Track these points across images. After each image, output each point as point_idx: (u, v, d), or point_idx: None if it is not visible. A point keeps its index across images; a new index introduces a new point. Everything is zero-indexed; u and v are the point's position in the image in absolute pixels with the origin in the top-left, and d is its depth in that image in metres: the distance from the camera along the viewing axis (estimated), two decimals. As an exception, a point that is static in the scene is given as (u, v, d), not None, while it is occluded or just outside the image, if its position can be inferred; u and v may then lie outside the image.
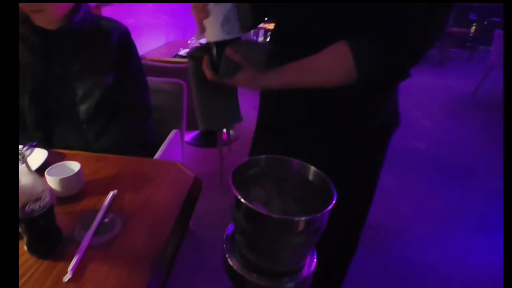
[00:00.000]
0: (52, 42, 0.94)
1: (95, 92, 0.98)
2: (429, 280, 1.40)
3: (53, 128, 1.02)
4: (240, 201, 0.49)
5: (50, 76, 0.97)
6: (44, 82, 0.96)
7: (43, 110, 0.99)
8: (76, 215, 0.65)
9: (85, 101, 0.98)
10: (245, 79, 0.65)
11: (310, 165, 0.53)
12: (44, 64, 0.95)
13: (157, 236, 0.58)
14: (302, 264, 0.54)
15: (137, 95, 1.09)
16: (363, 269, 1.41)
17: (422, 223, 1.75)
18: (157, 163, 0.83)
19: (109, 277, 0.50)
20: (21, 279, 0.51)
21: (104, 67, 0.99)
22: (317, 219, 0.45)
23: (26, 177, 0.51)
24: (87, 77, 0.97)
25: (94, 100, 0.98)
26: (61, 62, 0.96)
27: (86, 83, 0.97)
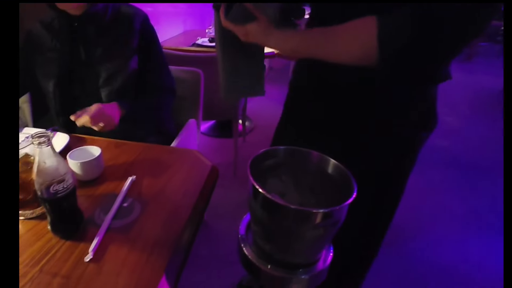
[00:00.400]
0: (76, 27, 0.96)
1: (117, 76, 0.99)
2: (447, 282, 1.38)
3: None
4: (258, 190, 0.49)
5: (75, 61, 0.99)
6: (69, 67, 0.99)
7: (67, 95, 1.02)
8: (96, 198, 0.67)
9: (107, 85, 1.00)
10: (258, 30, 0.61)
11: (330, 158, 0.53)
12: (68, 49, 0.98)
13: (174, 222, 0.60)
14: (318, 257, 0.54)
15: (163, 78, 1.11)
16: (378, 268, 1.39)
17: (442, 223, 1.71)
18: (174, 151, 0.85)
19: (127, 259, 0.52)
20: (45, 257, 0.53)
21: (127, 51, 1.00)
22: (336, 212, 0.45)
23: (51, 159, 0.53)
24: (110, 61, 0.99)
25: (116, 83, 1.00)
26: (85, 46, 0.98)
27: (109, 67, 0.99)
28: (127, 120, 0.99)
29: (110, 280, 0.48)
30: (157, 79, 1.09)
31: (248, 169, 0.52)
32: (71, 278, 0.49)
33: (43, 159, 0.53)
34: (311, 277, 0.54)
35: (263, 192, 0.48)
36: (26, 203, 0.62)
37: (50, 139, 0.53)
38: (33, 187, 0.61)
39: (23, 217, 0.63)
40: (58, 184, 0.54)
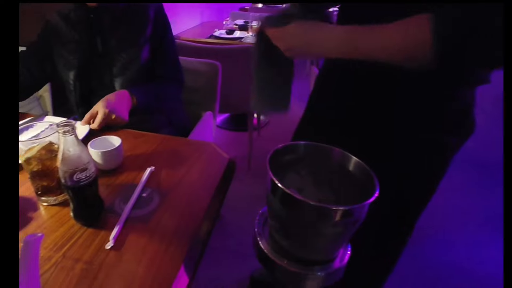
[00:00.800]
0: (92, 18, 0.98)
1: (131, 66, 1.01)
2: (461, 284, 1.35)
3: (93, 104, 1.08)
4: (276, 185, 0.49)
5: (92, 52, 1.01)
6: (88, 58, 1.01)
7: (86, 86, 1.04)
8: (115, 188, 0.69)
9: (121, 75, 1.02)
10: (297, 30, 0.58)
11: (352, 155, 0.52)
12: (87, 40, 1.00)
13: (192, 213, 0.61)
14: (335, 255, 0.54)
15: (171, 67, 1.11)
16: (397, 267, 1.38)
17: (458, 223, 1.67)
18: (192, 143, 0.86)
19: (147, 249, 0.53)
20: (67, 243, 0.55)
21: (140, 40, 1.01)
22: (356, 210, 0.45)
23: (75, 148, 0.55)
24: (124, 51, 1.00)
25: (130, 73, 1.01)
26: (101, 37, 1.00)
27: (123, 57, 1.00)
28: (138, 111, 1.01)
29: (130, 268, 0.50)
30: (166, 70, 1.10)
31: (267, 163, 0.52)
32: (93, 264, 0.51)
33: (67, 148, 0.54)
34: (327, 274, 0.54)
35: (282, 187, 0.48)
36: (49, 190, 0.65)
37: (75, 128, 0.54)
38: (56, 175, 0.63)
39: (46, 203, 0.65)
40: (81, 172, 0.55)
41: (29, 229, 0.58)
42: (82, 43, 1.00)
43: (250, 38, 2.26)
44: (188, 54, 1.42)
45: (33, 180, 0.64)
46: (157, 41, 1.05)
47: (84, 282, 0.47)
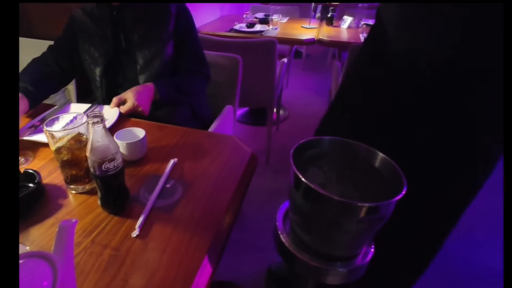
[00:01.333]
0: (115, 15, 1.00)
1: (154, 63, 1.03)
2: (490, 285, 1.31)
3: None
4: (300, 179, 0.49)
5: (116, 49, 1.03)
6: (113, 54, 1.04)
7: (112, 82, 1.07)
8: (140, 178, 0.71)
9: (145, 72, 1.03)
10: None
11: (378, 152, 0.51)
12: (111, 37, 1.02)
13: (215, 205, 0.62)
14: (358, 252, 0.54)
15: (197, 62, 1.13)
16: None
17: (487, 224, 1.61)
18: (214, 136, 0.87)
19: (172, 238, 0.55)
20: (96, 229, 0.58)
21: (163, 37, 1.02)
22: (383, 207, 0.44)
23: (103, 138, 0.57)
24: (147, 47, 1.02)
25: (153, 70, 1.03)
26: (124, 33, 1.02)
27: (146, 54, 1.02)
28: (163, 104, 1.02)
29: (155, 256, 0.51)
30: (191, 64, 1.11)
31: (290, 157, 0.53)
32: (120, 250, 0.53)
33: (96, 138, 0.56)
34: (349, 271, 0.54)
35: (305, 181, 0.48)
36: (78, 179, 0.67)
37: (104, 119, 0.56)
38: (84, 164, 0.66)
39: (74, 191, 0.68)
40: (109, 162, 0.57)
41: (59, 215, 0.61)
42: (107, 39, 1.03)
43: (271, 31, 2.25)
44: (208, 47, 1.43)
45: (63, 169, 0.67)
46: (181, 36, 1.06)
47: (112, 268, 0.50)
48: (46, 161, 0.77)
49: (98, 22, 1.03)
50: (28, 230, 0.57)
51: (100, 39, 1.03)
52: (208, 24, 2.58)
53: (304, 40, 2.12)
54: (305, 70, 3.64)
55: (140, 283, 0.47)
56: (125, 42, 1.03)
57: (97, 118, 0.55)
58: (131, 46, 1.03)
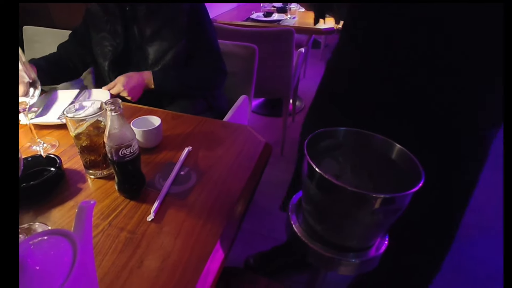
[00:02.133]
0: (127, 10, 1.02)
1: (166, 56, 1.04)
2: None
3: None
4: (314, 169, 0.49)
5: (128, 42, 1.05)
6: (122, 47, 1.06)
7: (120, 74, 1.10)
8: (155, 165, 0.73)
9: (156, 65, 1.05)
10: None
11: (396, 143, 0.50)
12: (122, 32, 1.04)
13: (228, 193, 0.63)
14: (371, 243, 0.54)
15: (210, 57, 1.13)
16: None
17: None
18: (228, 125, 0.88)
19: (185, 223, 0.56)
20: (113, 213, 0.60)
21: (175, 32, 1.03)
22: (398, 199, 0.44)
23: (120, 125, 0.58)
24: (158, 42, 1.03)
25: (164, 63, 1.04)
26: (137, 27, 1.03)
27: (157, 49, 1.04)
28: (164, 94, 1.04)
29: (169, 240, 0.53)
30: (206, 60, 1.11)
31: (304, 147, 0.52)
32: (136, 233, 0.55)
33: (113, 125, 0.58)
34: (361, 262, 0.54)
35: (319, 171, 0.48)
36: (96, 164, 0.70)
37: (121, 107, 0.58)
38: (102, 150, 0.68)
39: (93, 176, 0.71)
40: (126, 148, 0.59)
41: (79, 198, 0.64)
42: (118, 35, 1.05)
43: (288, 20, 2.22)
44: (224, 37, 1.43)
45: (82, 154, 0.69)
46: (195, 32, 1.06)
47: (128, 249, 0.52)
48: (67, 147, 0.80)
49: (111, 16, 1.05)
50: (50, 211, 0.61)
51: (111, 34, 1.06)
52: (225, 13, 2.57)
53: (322, 29, 2.08)
54: (323, 61, 3.58)
55: (154, 264, 0.49)
56: (138, 37, 1.04)
57: (114, 106, 0.57)
58: (142, 41, 1.04)
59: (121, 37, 1.05)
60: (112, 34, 1.06)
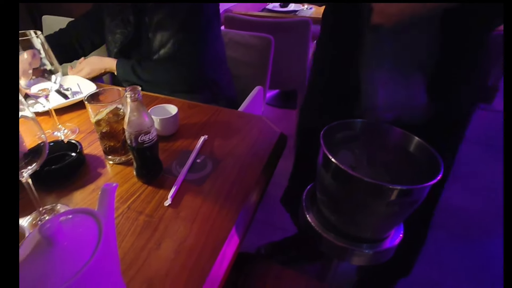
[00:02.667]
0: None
1: (166, 45, 1.05)
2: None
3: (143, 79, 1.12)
4: (330, 160, 0.50)
5: (138, 31, 1.07)
6: (132, 35, 1.07)
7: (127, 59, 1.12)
8: (172, 152, 0.75)
9: (157, 53, 1.07)
10: None
11: (414, 136, 0.50)
12: (132, 19, 1.05)
13: (243, 182, 0.64)
14: (386, 235, 0.54)
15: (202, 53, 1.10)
16: (449, 264, 1.33)
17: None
18: (243, 115, 0.88)
19: (201, 209, 0.58)
20: (131, 197, 0.62)
21: (179, 21, 1.03)
22: (416, 191, 0.44)
23: (140, 112, 0.60)
24: (161, 32, 1.04)
25: (164, 52, 1.05)
26: (147, 16, 1.04)
27: (160, 38, 1.05)
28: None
29: (186, 225, 0.55)
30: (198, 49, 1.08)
31: (321, 138, 0.53)
32: (153, 217, 0.57)
33: (133, 112, 0.60)
34: (375, 253, 0.55)
35: (336, 162, 0.49)
36: (115, 150, 0.72)
37: (140, 95, 0.59)
38: (121, 136, 0.70)
39: (112, 162, 0.73)
40: (145, 135, 0.61)
41: (99, 182, 0.67)
42: (130, 22, 1.06)
43: (305, 10, 2.19)
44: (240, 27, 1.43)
45: (102, 140, 0.72)
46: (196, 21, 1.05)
47: (147, 232, 0.54)
48: (86, 133, 0.83)
49: (124, 6, 1.06)
50: (71, 194, 0.63)
51: (123, 23, 1.07)
52: (241, 4, 2.55)
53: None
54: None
55: (172, 247, 0.50)
56: (144, 24, 1.06)
57: (134, 93, 0.58)
58: (150, 30, 1.05)
59: (132, 26, 1.07)
60: (125, 22, 1.08)
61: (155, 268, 0.48)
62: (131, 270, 0.47)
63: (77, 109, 0.93)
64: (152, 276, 0.46)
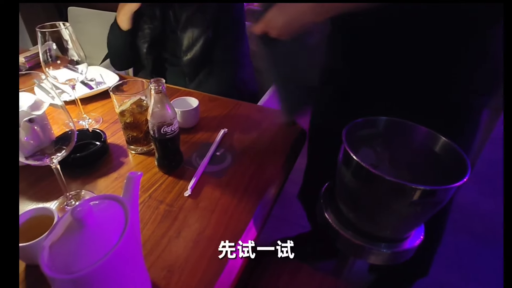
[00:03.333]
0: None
1: (197, 43, 1.06)
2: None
3: (165, 76, 1.17)
4: (351, 157, 0.49)
5: (164, 25, 1.08)
6: (159, 30, 1.09)
7: (158, 57, 1.13)
8: (192, 144, 0.76)
9: (187, 53, 1.08)
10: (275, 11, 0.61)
11: (441, 135, 0.49)
12: (161, 15, 1.07)
13: (262, 176, 0.65)
14: (406, 235, 0.53)
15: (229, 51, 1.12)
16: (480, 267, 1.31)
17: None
18: (263, 110, 0.89)
19: (220, 200, 0.59)
20: (152, 186, 0.64)
21: (207, 19, 1.03)
22: (440, 192, 0.43)
23: (163, 104, 0.62)
24: (190, 29, 1.05)
25: (196, 50, 1.06)
26: (172, 12, 1.05)
27: (189, 36, 1.05)
28: None
29: (205, 215, 0.56)
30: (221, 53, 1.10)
31: (343, 135, 0.53)
32: (173, 206, 0.58)
33: (157, 104, 0.62)
34: (393, 253, 0.54)
35: (357, 160, 0.48)
36: (137, 140, 0.74)
37: (164, 87, 0.61)
38: (144, 127, 0.73)
39: (134, 152, 0.75)
40: (167, 126, 0.63)
41: (122, 171, 0.69)
42: (156, 17, 1.08)
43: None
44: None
45: (125, 131, 0.74)
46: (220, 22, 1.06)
47: (167, 221, 0.55)
48: (109, 123, 0.86)
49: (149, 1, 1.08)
50: (95, 181, 0.66)
51: (149, 17, 1.09)
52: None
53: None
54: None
55: (191, 236, 0.52)
56: (174, 22, 1.07)
57: (158, 85, 0.60)
58: (177, 27, 1.06)
59: (158, 20, 1.08)
60: (151, 17, 1.09)
61: (175, 255, 0.49)
62: (151, 256, 0.49)
63: (100, 99, 0.96)
64: (171, 263, 0.48)
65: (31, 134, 0.52)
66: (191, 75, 1.11)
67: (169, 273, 0.47)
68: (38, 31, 0.71)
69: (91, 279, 0.31)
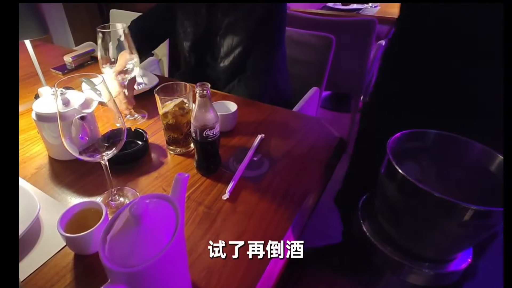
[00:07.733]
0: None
1: (235, 49, 1.08)
2: None
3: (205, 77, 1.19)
4: (396, 170, 0.49)
5: (209, 24, 1.11)
6: (204, 29, 1.12)
7: (200, 58, 1.17)
8: (229, 148, 0.79)
9: (226, 58, 1.10)
10: None
11: (498, 154, 0.48)
12: (205, 15, 1.10)
13: (302, 182, 0.66)
14: (452, 257, 0.52)
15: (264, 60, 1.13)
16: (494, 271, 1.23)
17: None
18: (301, 116, 0.90)
19: (259, 206, 0.61)
20: (191, 188, 0.67)
21: (249, 26, 1.04)
22: (495, 214, 0.42)
23: (207, 108, 0.64)
24: (231, 36, 1.07)
25: (234, 56, 1.08)
26: (219, 15, 1.08)
27: (229, 42, 1.08)
28: None
29: (243, 219, 0.58)
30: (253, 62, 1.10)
31: (388, 146, 0.52)
32: (212, 209, 0.61)
33: (200, 107, 0.64)
34: (436, 274, 0.53)
35: (403, 173, 0.48)
36: (177, 141, 0.78)
37: (209, 91, 0.64)
38: (184, 129, 0.76)
39: (172, 152, 0.79)
40: (209, 130, 0.65)
41: (162, 171, 0.73)
42: (201, 16, 1.11)
43: (369, 9, 2.13)
44: (298, 25, 1.42)
45: (166, 131, 0.78)
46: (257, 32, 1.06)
47: (206, 222, 0.58)
48: (151, 123, 0.90)
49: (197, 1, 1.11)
50: (137, 179, 0.70)
51: (194, 15, 1.12)
52: (300, 0, 2.55)
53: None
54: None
55: (229, 239, 0.54)
56: (217, 24, 1.10)
57: (203, 89, 0.62)
58: (220, 31, 1.09)
59: (203, 18, 1.10)
60: (196, 15, 1.12)
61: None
62: (191, 256, 0.52)
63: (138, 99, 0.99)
64: (211, 265, 0.50)
65: (82, 131, 0.56)
66: (226, 80, 1.15)
67: (208, 274, 0.49)
68: (99, 31, 0.77)
69: (145, 275, 0.34)
